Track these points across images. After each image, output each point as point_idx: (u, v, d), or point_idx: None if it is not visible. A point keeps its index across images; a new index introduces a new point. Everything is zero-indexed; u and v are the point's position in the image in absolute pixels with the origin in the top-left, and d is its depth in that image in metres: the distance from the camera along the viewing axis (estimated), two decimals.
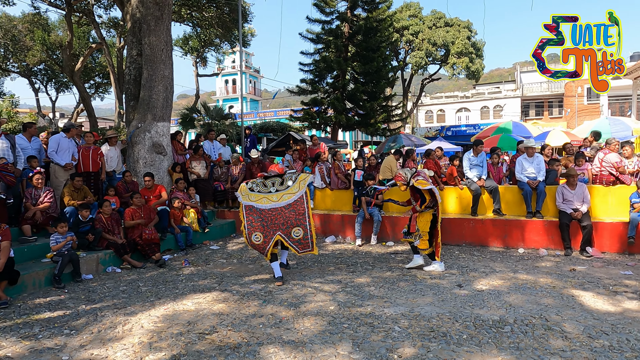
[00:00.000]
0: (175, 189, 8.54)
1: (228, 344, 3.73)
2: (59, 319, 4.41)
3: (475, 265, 6.34)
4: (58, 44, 24.77)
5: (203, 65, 30.09)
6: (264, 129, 23.84)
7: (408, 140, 18.76)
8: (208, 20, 19.68)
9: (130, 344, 3.76)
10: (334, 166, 9.44)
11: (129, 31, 9.56)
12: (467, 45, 30.75)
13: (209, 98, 53.19)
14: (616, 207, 7.36)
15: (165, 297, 5.07)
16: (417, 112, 41.30)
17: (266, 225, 5.57)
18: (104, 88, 31.93)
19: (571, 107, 34.17)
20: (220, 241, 8.68)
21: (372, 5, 20.04)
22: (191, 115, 20.95)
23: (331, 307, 4.59)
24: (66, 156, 7.52)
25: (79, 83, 20.87)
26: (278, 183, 5.82)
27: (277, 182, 5.83)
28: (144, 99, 9.00)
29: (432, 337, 3.79)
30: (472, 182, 8.10)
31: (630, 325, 3.96)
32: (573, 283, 5.32)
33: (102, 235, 6.65)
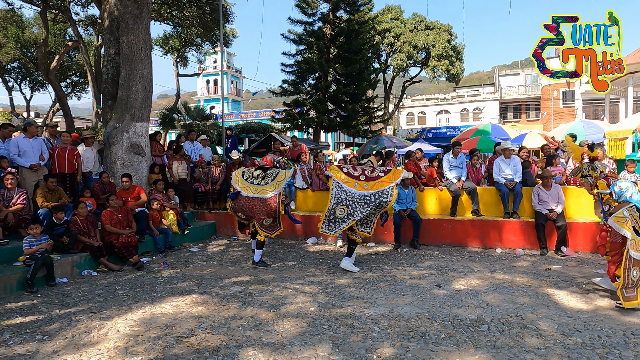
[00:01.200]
0: (154, 190, 8.40)
1: (207, 347, 3.69)
2: (31, 324, 4.28)
3: (454, 266, 6.43)
4: (33, 42, 24.09)
5: (184, 65, 29.76)
6: (246, 130, 23.69)
7: (390, 141, 18.92)
8: (189, 19, 19.44)
9: (105, 349, 3.67)
10: (316, 167, 9.45)
11: (107, 29, 9.37)
12: (447, 49, 31.25)
13: (189, 98, 52.55)
14: (589, 207, 7.58)
15: (142, 301, 4.98)
16: (398, 114, 41.71)
17: (244, 210, 6.42)
18: (81, 87, 31.22)
19: (547, 110, 35.09)
20: (200, 243, 8.57)
21: (354, 8, 20.16)
22: (171, 116, 20.67)
23: (311, 309, 4.58)
24: (31, 157, 7.21)
25: (55, 82, 20.35)
26: (261, 177, 6.50)
27: (260, 175, 6.51)
28: (122, 98, 8.84)
29: (411, 337, 3.82)
30: (451, 184, 8.22)
31: (601, 323, 4.08)
32: (548, 282, 5.45)
33: (78, 237, 6.48)
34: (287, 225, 8.79)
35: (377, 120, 22.49)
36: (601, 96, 22.35)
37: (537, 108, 38.45)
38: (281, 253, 7.61)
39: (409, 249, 7.67)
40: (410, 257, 7.08)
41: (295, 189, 9.47)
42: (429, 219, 8.04)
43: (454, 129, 30.24)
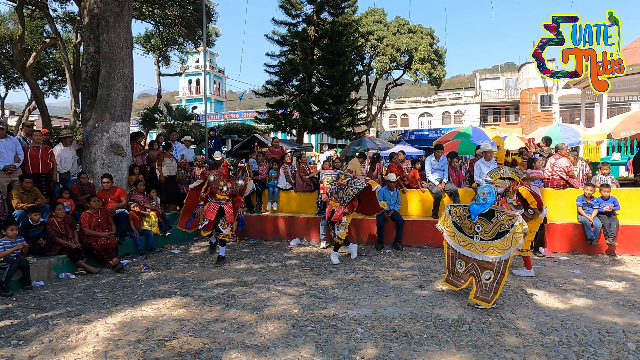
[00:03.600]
0: (135, 191, 8.26)
1: (189, 350, 3.64)
2: (6, 329, 4.15)
3: (436, 266, 6.51)
4: (8, 38, 23.33)
5: (166, 65, 29.31)
6: (229, 131, 23.48)
7: (372, 143, 19.03)
8: (171, 18, 19.18)
9: (84, 354, 3.59)
10: (299, 169, 9.44)
11: (86, 27, 9.18)
12: (429, 52, 31.62)
13: (171, 98, 51.80)
14: (566, 209, 7.78)
15: (122, 304, 4.89)
16: (381, 116, 42.03)
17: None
18: (58, 85, 30.40)
19: (526, 114, 35.88)
20: (182, 245, 8.46)
21: (338, 10, 20.20)
22: (152, 116, 20.32)
23: (295, 310, 4.58)
24: (5, 158, 6.94)
25: (31, 79, 19.77)
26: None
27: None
28: (101, 97, 8.66)
29: (394, 337, 3.85)
30: (433, 185, 8.32)
31: (578, 321, 4.19)
32: (527, 282, 5.57)
33: (55, 239, 6.32)
34: (270, 226, 8.80)
35: (360, 122, 22.58)
36: (577, 100, 22.96)
37: (517, 111, 39.30)
38: (264, 254, 7.57)
39: (391, 250, 7.74)
40: (392, 258, 7.14)
41: (279, 190, 9.44)
42: (412, 221, 8.12)
43: (436, 131, 30.64)
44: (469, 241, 4.87)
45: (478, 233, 4.78)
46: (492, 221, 4.70)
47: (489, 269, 4.64)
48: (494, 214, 4.71)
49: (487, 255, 4.66)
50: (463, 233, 4.94)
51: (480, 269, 4.72)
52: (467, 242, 4.88)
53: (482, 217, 4.77)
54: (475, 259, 4.78)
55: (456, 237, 5.00)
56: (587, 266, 6.45)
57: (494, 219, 4.69)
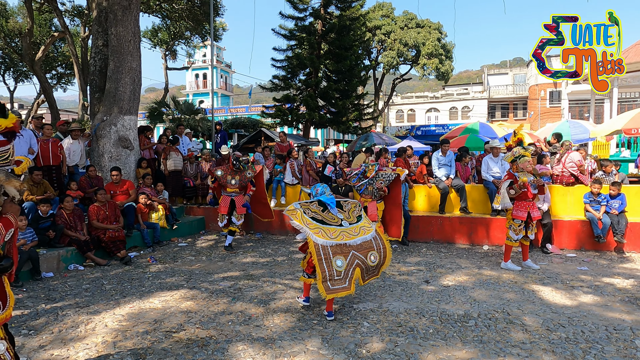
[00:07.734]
0: (143, 184, 8.31)
1: (196, 341, 3.68)
2: (17, 319, 4.21)
3: (442, 262, 6.50)
4: (17, 31, 23.49)
5: (173, 59, 29.37)
6: (235, 125, 23.52)
7: (379, 138, 18.95)
8: (178, 12, 19.19)
9: (93, 344, 3.64)
10: (306, 163, 9.44)
11: (95, 20, 9.21)
12: (437, 47, 31.36)
13: (178, 92, 51.97)
14: (574, 206, 7.72)
15: (130, 295, 4.94)
16: (388, 111, 41.84)
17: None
18: (67, 79, 30.57)
19: (534, 110, 35.54)
20: (189, 238, 8.52)
21: (346, 4, 20.09)
22: (159, 109, 20.39)
23: (301, 304, 4.60)
24: (18, 151, 7.05)
25: (40, 73, 19.92)
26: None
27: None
28: (110, 91, 8.71)
29: (400, 332, 3.86)
30: (440, 181, 8.29)
31: (585, 318, 4.17)
32: (533, 278, 5.55)
33: (64, 231, 6.40)
34: (277, 220, 8.80)
35: (367, 117, 22.51)
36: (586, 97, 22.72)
37: (525, 107, 38.92)
38: (271, 249, 7.60)
39: (397, 245, 7.73)
40: (399, 253, 7.14)
41: (285, 184, 9.46)
42: (418, 216, 8.10)
43: (443, 127, 30.50)
44: (339, 230, 4.28)
45: (343, 219, 4.41)
46: (345, 210, 4.52)
47: (371, 249, 4.31)
48: (341, 205, 4.55)
49: (365, 235, 4.33)
50: (328, 224, 4.30)
51: (364, 255, 4.25)
52: (337, 231, 4.27)
53: (337, 207, 4.51)
54: (353, 246, 4.23)
55: (323, 232, 4.19)
56: (594, 263, 6.41)
57: (345, 207, 4.54)
